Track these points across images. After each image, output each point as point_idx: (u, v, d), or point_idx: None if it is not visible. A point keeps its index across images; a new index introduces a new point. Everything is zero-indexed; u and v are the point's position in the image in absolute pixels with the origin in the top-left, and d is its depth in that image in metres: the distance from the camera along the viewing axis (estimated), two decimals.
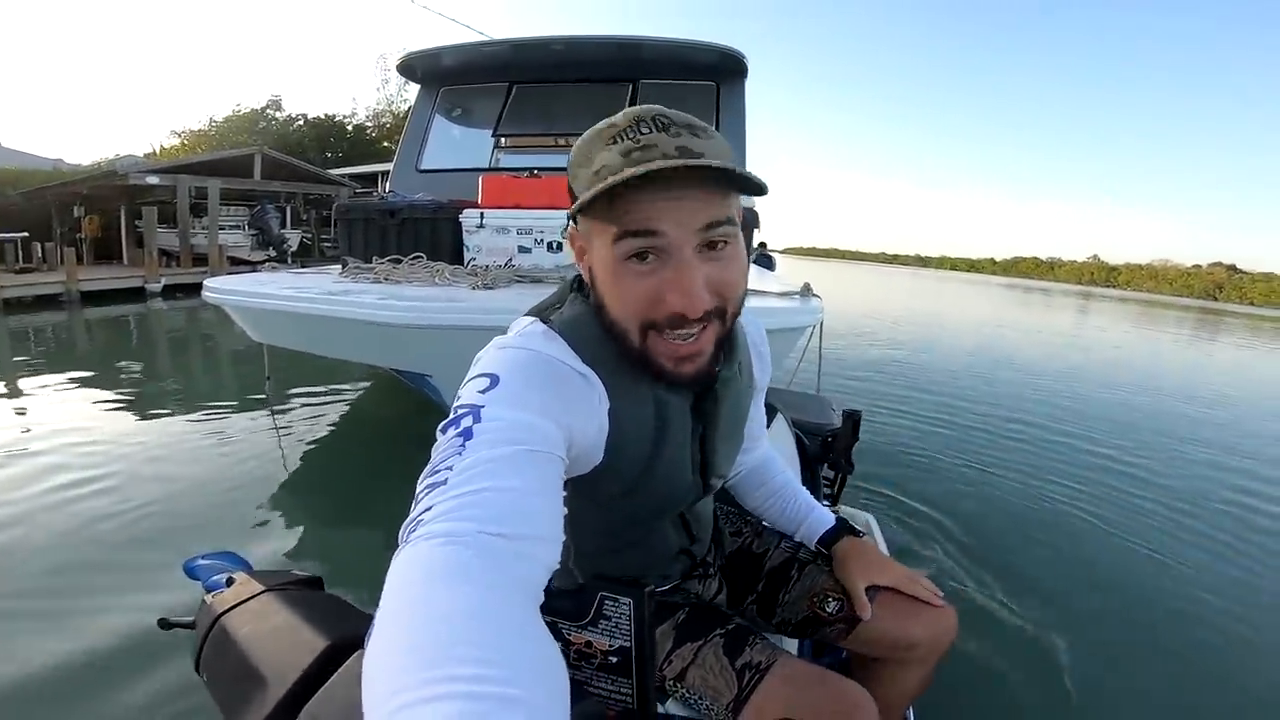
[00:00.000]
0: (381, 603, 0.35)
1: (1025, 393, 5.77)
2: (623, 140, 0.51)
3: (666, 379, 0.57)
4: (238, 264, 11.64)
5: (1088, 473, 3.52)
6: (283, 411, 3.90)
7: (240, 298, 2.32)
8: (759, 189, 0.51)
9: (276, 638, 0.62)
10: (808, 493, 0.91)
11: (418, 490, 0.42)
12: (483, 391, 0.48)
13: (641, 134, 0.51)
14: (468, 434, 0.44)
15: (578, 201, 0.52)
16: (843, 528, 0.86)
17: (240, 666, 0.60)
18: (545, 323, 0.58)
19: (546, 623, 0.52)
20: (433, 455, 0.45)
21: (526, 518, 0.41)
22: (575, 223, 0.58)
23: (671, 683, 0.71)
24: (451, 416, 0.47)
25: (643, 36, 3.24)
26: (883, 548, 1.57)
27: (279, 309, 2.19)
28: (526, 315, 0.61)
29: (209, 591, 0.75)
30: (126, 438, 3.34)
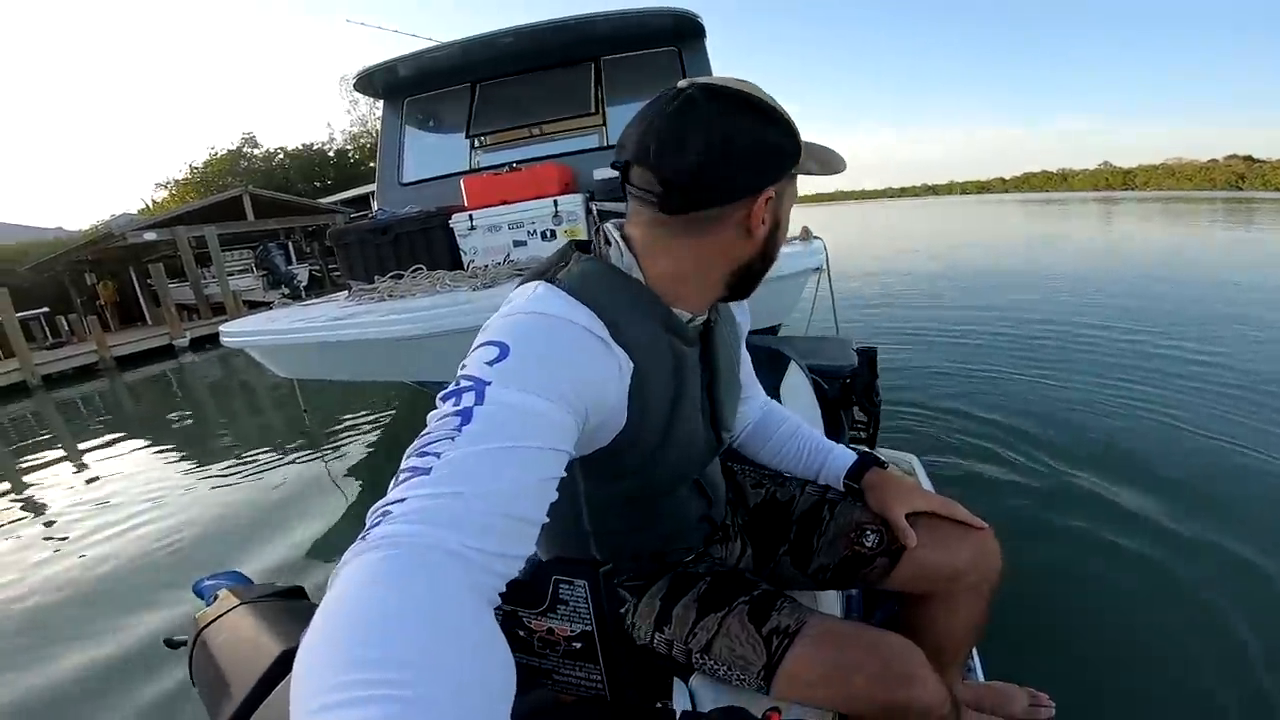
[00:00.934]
0: (323, 602, 0.33)
1: (1068, 304, 5.58)
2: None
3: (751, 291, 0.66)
4: (255, 306, 11.90)
5: (1144, 369, 3.37)
6: (325, 440, 4.05)
7: (257, 337, 2.38)
8: None
9: (241, 647, 0.64)
10: (820, 434, 0.88)
11: (403, 463, 0.41)
12: (490, 363, 0.45)
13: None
14: (466, 416, 0.42)
15: (798, 155, 0.61)
16: (868, 460, 0.83)
17: (215, 676, 0.63)
18: (552, 283, 0.55)
19: (506, 611, 0.52)
20: (428, 424, 0.43)
21: (500, 534, 0.39)
22: (760, 186, 0.59)
23: (698, 656, 0.68)
24: (454, 386, 0.44)
25: (593, 14, 3.16)
26: (929, 488, 1.52)
27: (295, 342, 2.24)
28: (528, 281, 0.58)
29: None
30: (184, 482, 3.58)
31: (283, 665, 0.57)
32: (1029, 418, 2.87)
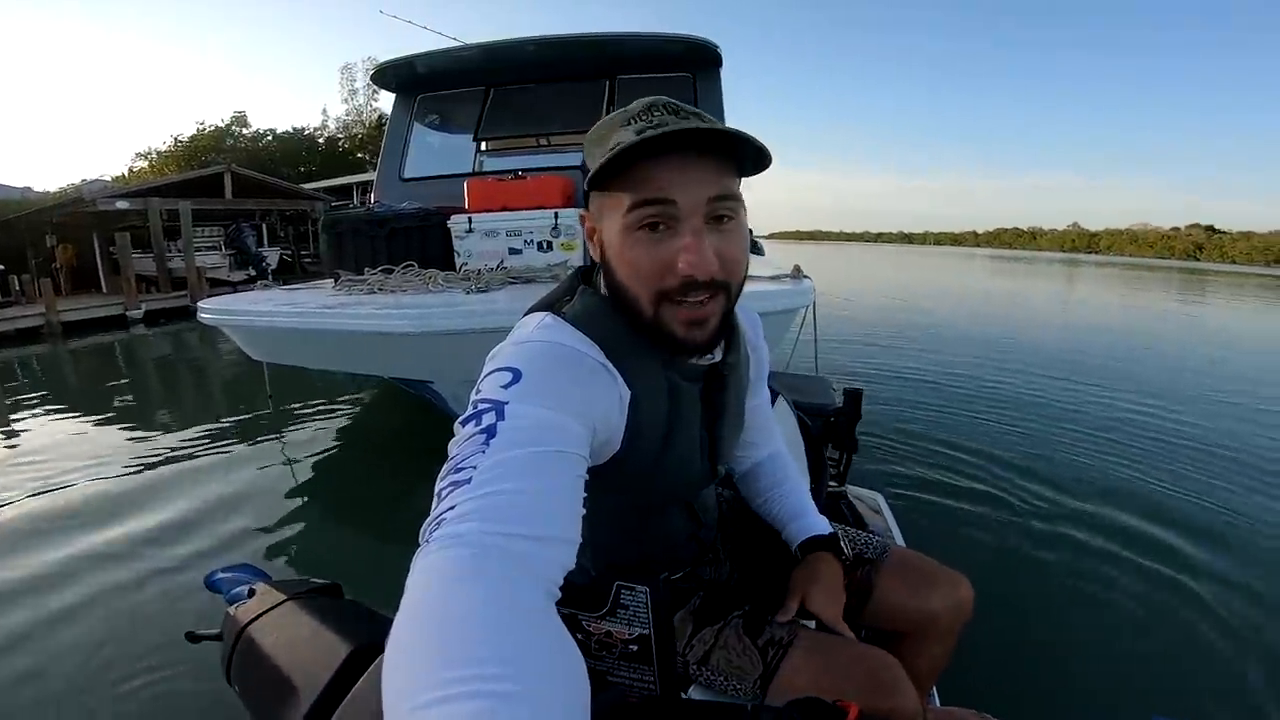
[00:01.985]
0: (402, 604, 0.35)
1: (1031, 358, 5.87)
2: (637, 122, 0.54)
3: (677, 346, 0.57)
4: (218, 285, 11.49)
5: (1109, 425, 3.58)
6: (288, 427, 3.90)
7: (238, 318, 2.31)
8: (762, 153, 0.54)
9: (301, 646, 0.62)
10: (804, 494, 0.85)
11: (439, 487, 0.42)
12: (505, 386, 0.48)
13: (654, 116, 0.53)
14: (491, 431, 0.44)
15: (590, 172, 0.55)
16: (822, 543, 0.79)
17: (269, 676, 0.61)
18: (558, 315, 0.58)
19: (565, 614, 0.52)
20: (453, 451, 0.45)
21: (548, 520, 0.41)
22: (588, 204, 0.60)
23: (695, 667, 0.71)
24: (472, 411, 0.47)
25: (615, 33, 3.23)
26: (894, 526, 1.57)
27: (278, 326, 2.19)
28: (535, 310, 0.60)
29: (231, 603, 0.76)
30: (133, 464, 3.36)
31: (354, 664, 0.56)
32: (990, 457, 3.03)
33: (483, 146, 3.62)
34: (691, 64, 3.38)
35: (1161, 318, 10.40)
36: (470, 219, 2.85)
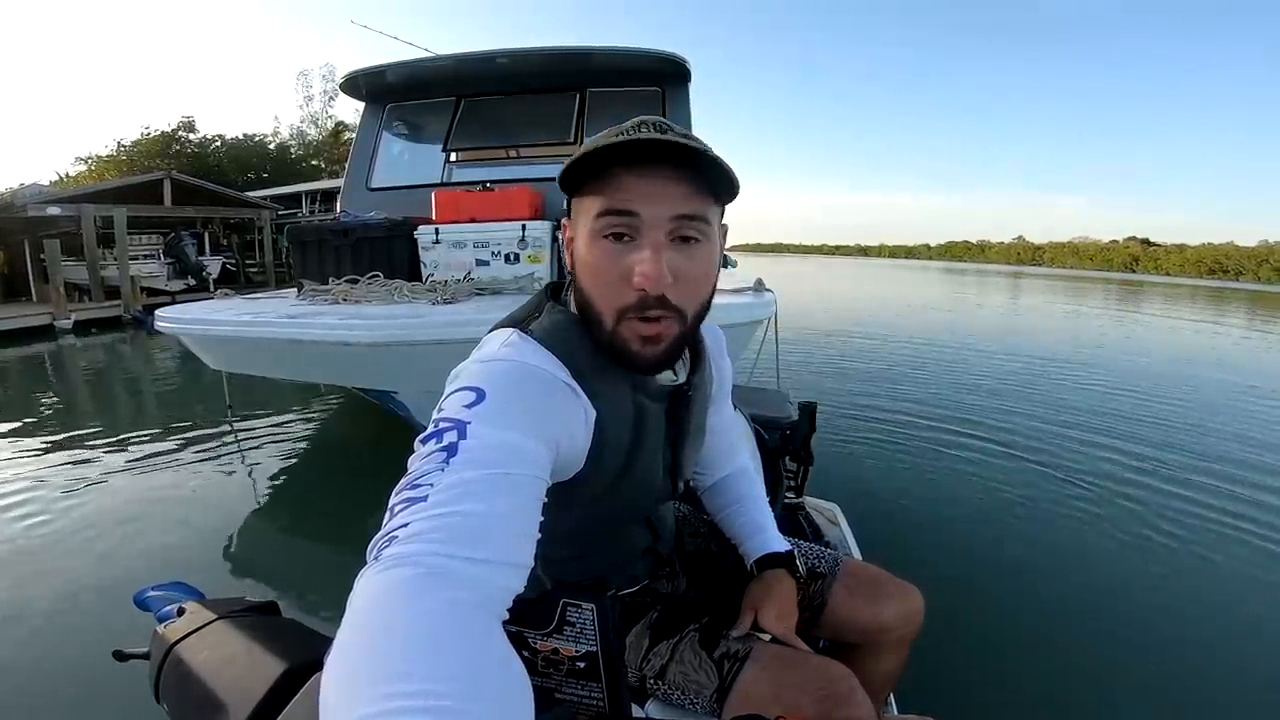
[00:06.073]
0: (345, 621, 0.34)
1: (982, 371, 6.08)
2: (623, 136, 0.53)
3: (631, 361, 0.57)
4: (155, 295, 11.01)
5: (1057, 442, 3.63)
6: (243, 438, 3.75)
7: (198, 326, 2.25)
8: (728, 178, 0.54)
9: (233, 664, 0.61)
10: (764, 511, 0.85)
11: (393, 502, 0.42)
12: (468, 406, 0.47)
13: (640, 132, 0.53)
14: (451, 450, 0.44)
15: (561, 170, 0.56)
16: (778, 560, 0.80)
17: (199, 694, 0.60)
18: (525, 332, 0.57)
19: (512, 632, 0.54)
20: (411, 467, 0.44)
21: (501, 546, 0.41)
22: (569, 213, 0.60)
23: (652, 681, 0.71)
24: (433, 429, 0.46)
25: (587, 46, 3.27)
26: (849, 536, 1.60)
27: (240, 335, 2.14)
28: (502, 327, 0.60)
29: (161, 622, 0.74)
30: (72, 478, 3.18)
31: (288, 683, 0.56)
32: (945, 457, 3.15)
33: (452, 157, 3.60)
34: (661, 78, 3.44)
35: (1114, 327, 10.90)
36: (438, 230, 2.84)
